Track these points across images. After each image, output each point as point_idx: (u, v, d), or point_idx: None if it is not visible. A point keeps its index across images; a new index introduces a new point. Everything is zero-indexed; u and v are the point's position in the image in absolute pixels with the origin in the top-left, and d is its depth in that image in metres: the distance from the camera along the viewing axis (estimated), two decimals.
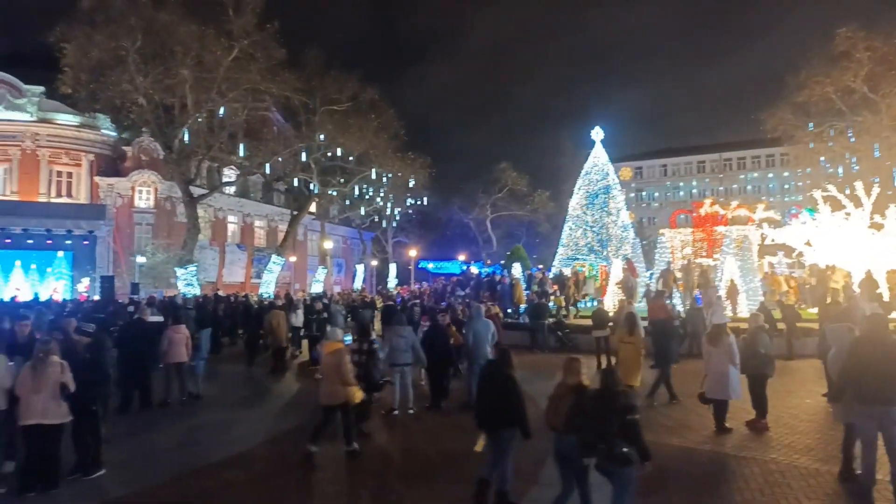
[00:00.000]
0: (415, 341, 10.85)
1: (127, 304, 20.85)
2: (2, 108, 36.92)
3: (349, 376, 8.40)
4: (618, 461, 5.21)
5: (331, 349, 8.61)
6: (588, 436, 5.37)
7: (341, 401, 8.39)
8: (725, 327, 9.41)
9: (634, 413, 5.33)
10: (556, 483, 7.22)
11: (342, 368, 8.30)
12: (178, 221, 38.44)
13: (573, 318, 20.60)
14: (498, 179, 55.30)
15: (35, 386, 6.90)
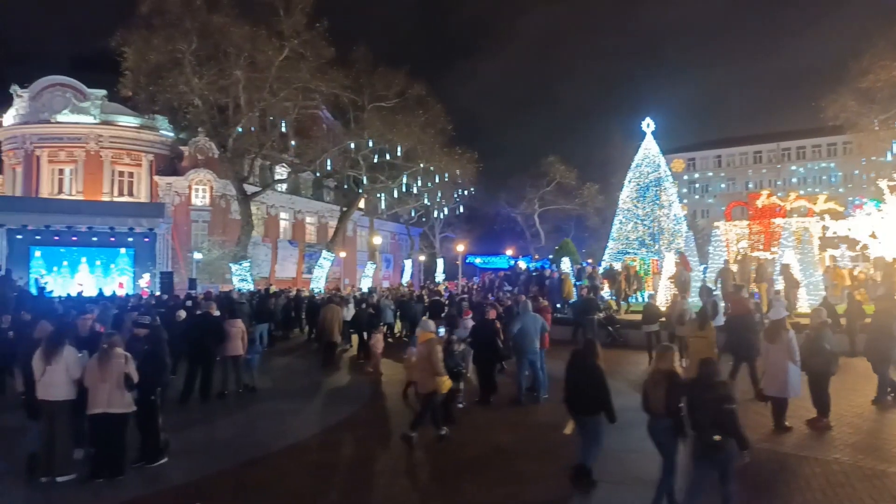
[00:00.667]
0: (463, 336, 10.89)
1: (185, 299, 21.55)
2: (67, 111, 38.68)
3: (439, 366, 8.73)
4: (711, 449, 5.41)
5: (423, 339, 8.95)
6: (683, 422, 5.69)
7: (432, 389, 8.76)
8: (784, 322, 9.11)
9: (731, 403, 5.51)
10: (606, 479, 7.18)
11: (433, 358, 8.67)
12: (232, 218, 39.55)
13: (624, 313, 20.28)
14: (546, 173, 54.76)
15: (101, 376, 7.23)
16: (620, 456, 7.52)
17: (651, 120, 26.22)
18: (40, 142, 38.94)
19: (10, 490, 7.08)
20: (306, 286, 35.05)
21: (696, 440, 5.56)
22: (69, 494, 6.91)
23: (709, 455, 5.50)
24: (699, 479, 5.69)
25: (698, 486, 5.67)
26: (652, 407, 6.15)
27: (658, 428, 6.06)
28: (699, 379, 5.73)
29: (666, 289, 20.42)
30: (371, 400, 12.13)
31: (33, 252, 29.97)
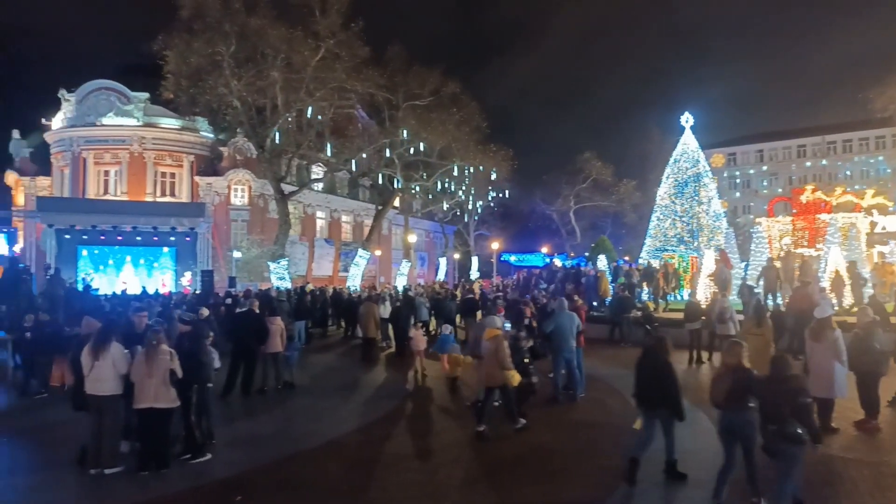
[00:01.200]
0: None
1: (225, 297, 22.02)
2: (112, 114, 39.82)
3: (507, 360, 8.94)
4: (790, 440, 5.55)
5: (490, 335, 9.15)
6: (757, 415, 5.85)
7: (500, 383, 8.96)
8: (830, 321, 8.85)
9: (807, 396, 5.70)
10: (646, 480, 7.10)
11: (500, 353, 8.88)
12: (270, 217, 40.21)
13: (662, 311, 19.98)
14: (581, 170, 54.21)
15: (148, 372, 7.45)
16: (660, 456, 7.41)
17: (690, 115, 25.76)
18: (87, 144, 40.18)
19: (61, 481, 7.34)
20: (342, 284, 35.43)
21: (771, 434, 5.68)
22: (117, 486, 7.13)
23: (782, 448, 5.62)
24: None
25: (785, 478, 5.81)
26: (718, 400, 6.26)
27: (735, 421, 6.15)
28: (774, 373, 5.87)
29: (706, 287, 20.04)
30: (409, 396, 12.22)
31: (80, 251, 31.02)
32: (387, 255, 53.46)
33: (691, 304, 15.88)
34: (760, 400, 5.87)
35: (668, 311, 19.84)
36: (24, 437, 9.52)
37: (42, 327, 12.86)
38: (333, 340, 21.46)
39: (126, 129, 39.83)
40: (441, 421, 10.33)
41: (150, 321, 9.72)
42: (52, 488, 7.18)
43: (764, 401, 5.83)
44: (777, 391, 5.72)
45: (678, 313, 18.00)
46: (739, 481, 6.34)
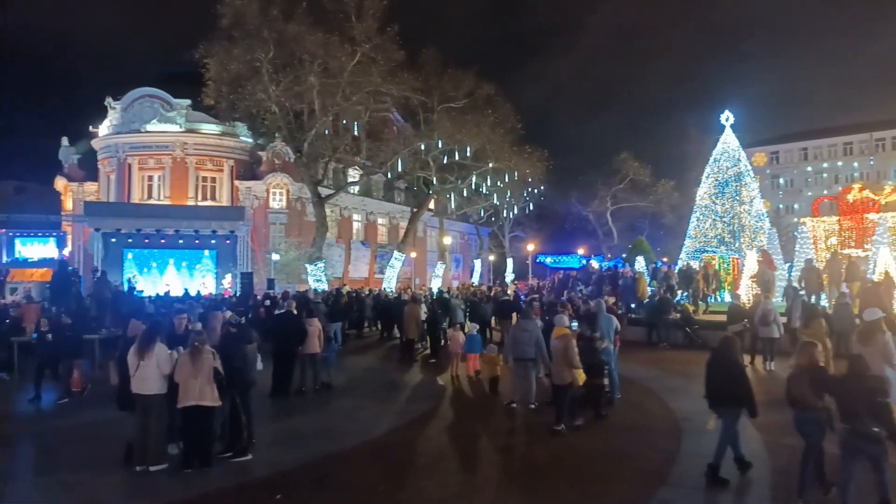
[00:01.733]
0: (539, 336, 10.82)
1: (263, 299, 22.41)
2: (156, 121, 40.93)
3: (576, 359, 9.12)
4: (868, 440, 5.61)
5: (558, 334, 9.40)
6: (831, 415, 5.98)
7: (567, 382, 9.12)
8: (881, 324, 8.56)
9: (885, 396, 5.76)
10: (685, 484, 6.97)
11: (568, 352, 9.08)
12: (307, 220, 40.76)
13: (702, 313, 19.60)
14: (618, 170, 53.55)
15: (193, 371, 7.64)
16: (701, 461, 7.28)
17: (730, 113, 25.23)
18: (131, 150, 41.37)
19: (108, 478, 7.57)
20: (378, 286, 35.71)
21: (848, 432, 5.76)
22: (161, 483, 7.32)
23: (861, 447, 5.69)
24: (850, 470, 5.84)
25: (850, 478, 5.85)
26: (795, 400, 6.34)
27: (804, 419, 6.27)
28: (851, 372, 5.97)
29: (748, 288, 19.59)
30: (445, 397, 12.25)
31: (126, 254, 31.92)
32: (422, 257, 53.67)
33: (734, 306, 15.55)
34: (837, 399, 5.97)
35: (709, 314, 19.46)
36: (71, 435, 9.84)
37: (62, 330, 12.63)
38: (370, 342, 21.65)
39: (169, 135, 40.88)
40: (478, 422, 10.32)
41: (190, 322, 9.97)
42: (99, 485, 7.40)
43: (840, 400, 5.92)
44: (854, 390, 5.78)
45: (719, 315, 17.65)
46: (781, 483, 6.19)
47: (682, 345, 17.35)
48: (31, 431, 10.01)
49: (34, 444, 9.48)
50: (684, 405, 10.57)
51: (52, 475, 7.95)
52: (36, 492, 7.39)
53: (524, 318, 11.36)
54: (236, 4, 26.51)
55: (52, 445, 9.49)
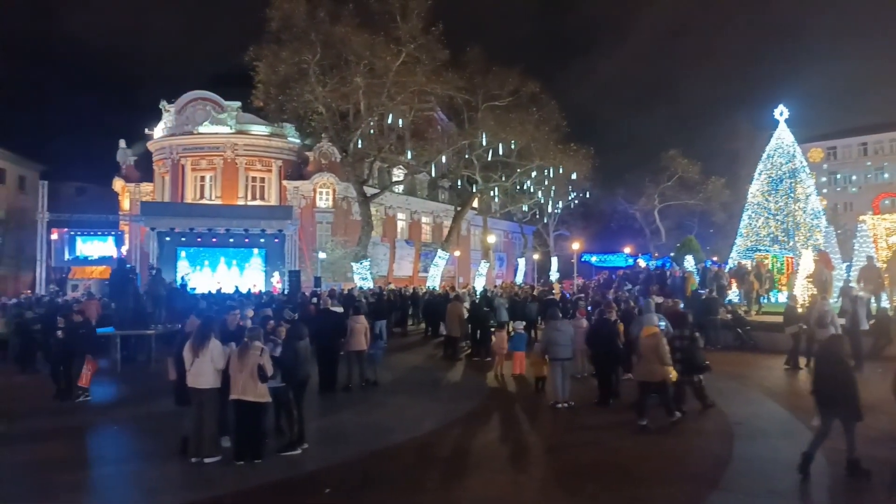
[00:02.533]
0: (574, 336, 10.76)
1: (311, 296, 22.81)
2: (207, 123, 42.10)
3: (667, 357, 9.33)
4: None
5: (649, 333, 9.61)
6: None
7: (659, 378, 9.30)
8: None
9: None
10: (737, 489, 6.81)
11: (660, 350, 9.31)
12: (353, 219, 41.28)
13: (755, 314, 19.05)
14: (666, 167, 52.40)
15: (239, 366, 7.86)
16: (753, 465, 7.11)
17: (784, 107, 24.41)
18: (185, 152, 42.67)
19: (164, 468, 7.86)
20: (422, 284, 35.91)
21: None
22: (215, 475, 7.56)
23: None
24: None
25: None
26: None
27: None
28: None
29: (803, 288, 18.95)
30: (489, 396, 12.26)
31: (179, 252, 32.92)
32: (465, 255, 53.70)
33: (790, 307, 15.05)
34: None
35: (762, 314, 18.90)
36: (130, 427, 10.25)
37: (75, 328, 12.34)
38: (415, 340, 21.80)
39: (220, 137, 42.00)
40: (523, 421, 10.31)
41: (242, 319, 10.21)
42: (156, 475, 7.70)
43: None
44: None
45: (772, 316, 17.14)
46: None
47: (733, 346, 16.92)
48: (91, 424, 10.42)
49: (95, 435, 9.90)
50: (736, 409, 10.33)
51: (113, 466, 8.31)
52: (98, 482, 7.72)
53: (558, 319, 11.33)
54: (284, 8, 27.03)
55: (112, 437, 9.91)
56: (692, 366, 10.06)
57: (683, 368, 9.84)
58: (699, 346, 10.39)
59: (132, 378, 14.30)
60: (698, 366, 10.19)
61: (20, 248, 42.84)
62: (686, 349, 10.08)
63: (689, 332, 10.46)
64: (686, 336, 10.34)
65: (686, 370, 9.93)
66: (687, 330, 10.47)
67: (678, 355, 9.82)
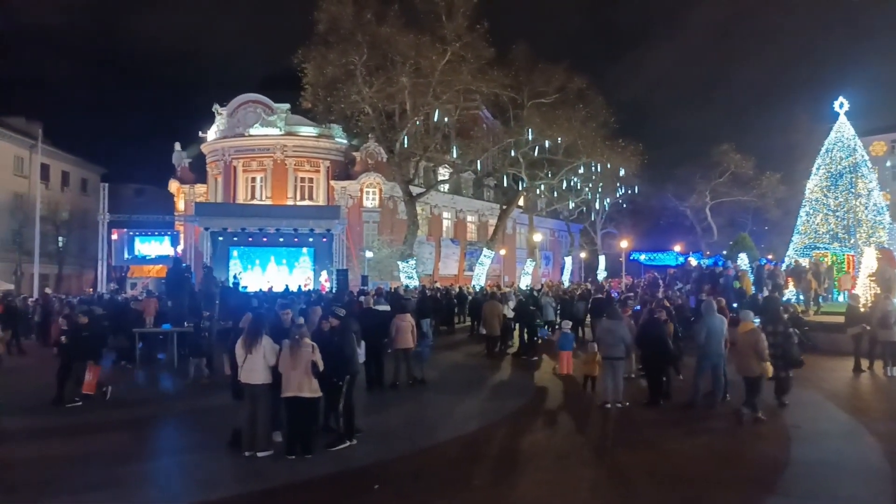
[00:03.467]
0: (625, 335, 10.59)
1: (358, 294, 23.10)
2: (258, 125, 43.10)
3: (765, 352, 9.48)
4: None
5: (746, 329, 9.74)
6: None
7: (756, 373, 9.48)
8: None
9: None
10: (794, 493, 6.59)
11: (759, 346, 9.45)
12: (399, 219, 41.60)
13: (813, 314, 18.38)
14: (719, 163, 51.00)
15: (292, 364, 8.02)
16: (812, 469, 6.87)
17: (844, 99, 23.47)
18: (236, 153, 43.79)
19: (219, 461, 8.09)
20: (468, 283, 35.93)
21: None
22: (268, 468, 7.74)
23: None
24: None
25: None
26: None
27: None
28: None
29: (865, 287, 18.18)
30: (537, 395, 12.19)
31: (232, 252, 33.83)
32: (511, 254, 53.47)
33: (852, 307, 14.48)
34: None
35: (821, 315, 18.23)
36: (186, 420, 10.60)
37: (79, 330, 11.78)
38: (461, 338, 21.83)
39: (270, 139, 42.93)
40: (572, 421, 10.21)
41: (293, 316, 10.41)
42: (212, 467, 7.94)
43: None
44: None
45: (832, 317, 16.52)
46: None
47: None
48: (150, 417, 10.80)
49: (154, 428, 10.26)
50: (794, 411, 10.00)
51: (172, 457, 8.62)
52: (157, 473, 8.01)
53: (609, 318, 11.19)
54: (332, 10, 27.41)
55: (170, 429, 10.27)
56: (788, 361, 10.22)
57: (780, 363, 9.98)
58: (794, 342, 10.47)
59: (187, 373, 14.76)
60: (794, 361, 10.33)
61: (83, 248, 44.77)
62: (781, 345, 10.19)
63: (784, 327, 10.57)
64: (780, 332, 10.41)
65: (782, 365, 10.07)
66: (781, 326, 10.56)
67: (775, 350, 9.94)
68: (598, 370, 12.21)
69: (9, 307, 19.51)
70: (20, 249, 39.41)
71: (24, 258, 38.70)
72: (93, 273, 39.03)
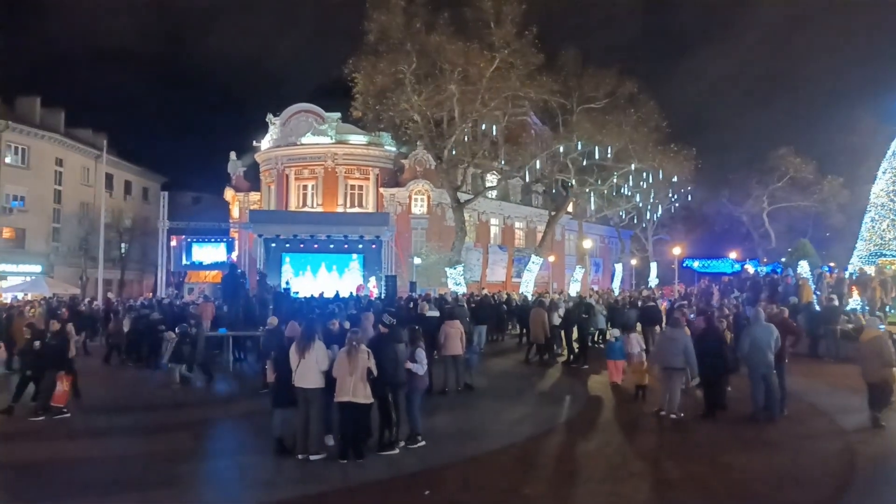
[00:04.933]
0: (687, 344, 10.33)
1: (407, 300, 23.28)
2: (310, 134, 44.04)
3: (892, 358, 9.63)
4: None
5: (871, 336, 10.00)
6: None
7: (879, 380, 9.65)
8: None
9: None
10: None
11: (884, 352, 9.64)
12: (447, 225, 41.77)
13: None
14: (776, 167, 49.32)
15: (348, 369, 8.15)
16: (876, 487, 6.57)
17: None
18: (289, 162, 44.82)
19: (275, 463, 8.27)
20: (515, 290, 35.74)
21: None
22: (321, 471, 7.89)
23: None
24: None
25: None
26: None
27: None
28: None
29: None
30: (588, 403, 12.03)
31: (284, 258, 34.56)
32: (560, 261, 52.95)
33: None
34: None
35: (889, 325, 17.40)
36: (241, 423, 10.88)
37: (47, 339, 11.32)
38: (509, 345, 21.73)
39: (321, 147, 43.79)
40: (625, 430, 10.03)
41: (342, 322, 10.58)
42: (268, 469, 8.12)
43: None
44: None
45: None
46: None
47: (853, 358, 15.67)
48: (206, 419, 11.15)
49: (210, 429, 10.58)
50: (858, 425, 9.58)
51: (227, 458, 8.86)
52: (215, 473, 8.26)
53: (671, 327, 10.94)
54: (382, 20, 27.84)
55: (226, 431, 10.56)
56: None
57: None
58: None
59: (242, 376, 15.18)
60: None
61: (144, 254, 46.57)
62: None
63: None
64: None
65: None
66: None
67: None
68: (649, 379, 12.00)
69: (76, 311, 20.44)
70: (86, 255, 41.31)
71: (89, 264, 40.56)
72: (152, 278, 40.56)
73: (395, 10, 27.70)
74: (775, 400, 10.24)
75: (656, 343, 10.97)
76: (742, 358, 10.50)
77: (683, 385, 10.84)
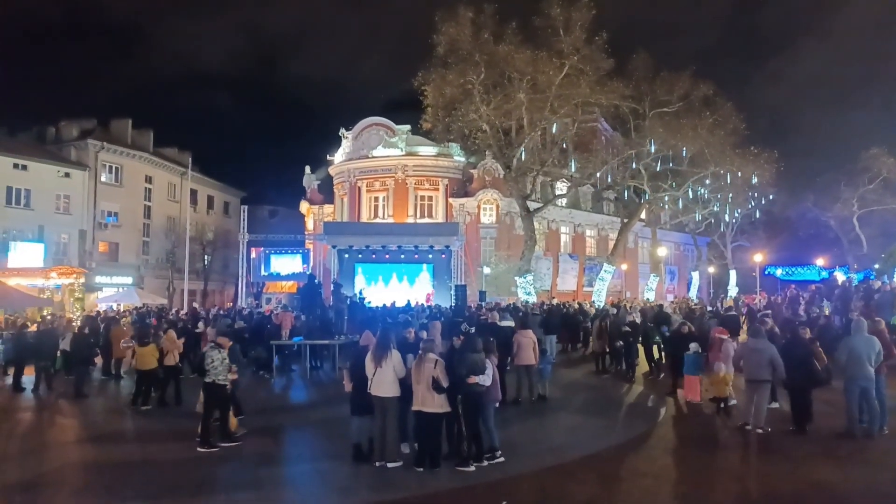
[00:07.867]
0: (773, 355, 9.85)
1: (477, 310, 23.31)
2: (381, 147, 44.97)
3: None
4: None
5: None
6: None
7: None
8: None
9: None
10: None
11: None
12: (516, 234, 41.61)
13: None
14: (867, 168, 46.40)
15: (417, 378, 8.25)
16: None
17: None
18: (361, 174, 45.90)
19: (353, 469, 8.44)
20: (587, 299, 35.14)
21: None
22: (397, 479, 7.98)
23: None
24: None
25: None
26: None
27: None
28: None
29: None
30: (667, 417, 11.66)
31: (357, 269, 35.34)
32: (633, 269, 51.68)
33: None
34: None
35: None
36: (319, 429, 11.14)
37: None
38: (581, 356, 21.35)
39: (392, 160, 44.64)
40: (706, 445, 9.66)
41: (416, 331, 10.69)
42: (345, 475, 8.30)
43: None
44: None
45: None
46: None
47: None
48: (286, 425, 11.48)
49: (290, 435, 10.89)
50: None
51: (306, 463, 9.12)
52: (296, 477, 8.51)
53: (755, 337, 10.45)
54: (451, 32, 28.17)
55: (306, 437, 10.86)
56: None
57: None
58: None
59: (319, 383, 15.57)
60: None
61: (225, 265, 48.72)
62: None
63: None
64: None
65: None
66: None
67: None
68: (729, 391, 11.53)
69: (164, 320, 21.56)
70: (172, 267, 43.62)
71: (175, 275, 42.79)
72: (233, 288, 42.31)
73: (464, 21, 27.98)
74: (875, 415, 9.62)
75: (739, 354, 10.50)
76: (838, 370, 9.91)
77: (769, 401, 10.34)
